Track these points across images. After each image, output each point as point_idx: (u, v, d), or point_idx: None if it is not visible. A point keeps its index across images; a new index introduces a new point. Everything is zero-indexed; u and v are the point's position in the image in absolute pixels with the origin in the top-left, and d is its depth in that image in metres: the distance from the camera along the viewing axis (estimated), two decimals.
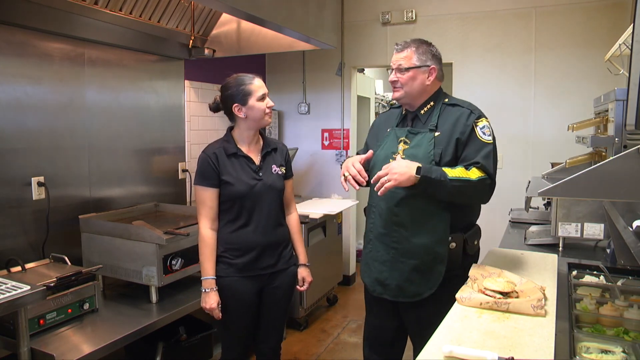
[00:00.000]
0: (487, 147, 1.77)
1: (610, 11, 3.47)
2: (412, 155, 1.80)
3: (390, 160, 1.82)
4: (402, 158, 1.80)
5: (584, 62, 3.57)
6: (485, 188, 1.75)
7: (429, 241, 1.79)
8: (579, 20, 3.57)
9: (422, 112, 1.88)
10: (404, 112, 1.95)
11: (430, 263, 1.80)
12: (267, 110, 1.98)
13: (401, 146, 1.85)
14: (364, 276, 1.99)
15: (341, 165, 1.95)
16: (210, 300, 1.93)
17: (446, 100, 1.89)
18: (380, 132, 2.00)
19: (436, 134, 1.80)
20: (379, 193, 1.70)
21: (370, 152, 1.88)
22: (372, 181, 1.76)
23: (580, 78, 3.59)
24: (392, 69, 1.88)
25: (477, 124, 1.79)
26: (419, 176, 1.66)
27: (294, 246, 2.17)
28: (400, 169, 1.67)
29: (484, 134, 1.78)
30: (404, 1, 4.07)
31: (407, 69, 1.83)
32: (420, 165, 1.68)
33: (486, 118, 1.83)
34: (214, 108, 2.06)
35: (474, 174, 1.72)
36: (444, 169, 1.71)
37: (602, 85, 3.11)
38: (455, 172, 1.70)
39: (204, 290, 1.94)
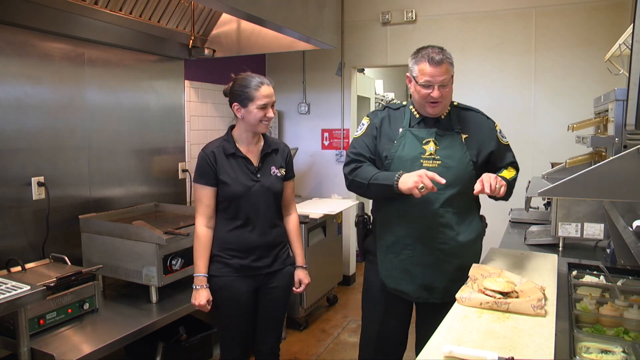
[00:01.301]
0: (509, 147, 2.00)
1: (610, 11, 3.47)
2: (448, 156, 1.84)
3: (421, 160, 1.85)
4: (436, 158, 1.85)
5: (584, 62, 3.57)
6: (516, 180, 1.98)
7: (472, 238, 1.88)
8: (579, 20, 3.57)
9: (442, 116, 1.91)
10: (417, 115, 1.92)
11: (471, 259, 1.86)
12: (265, 120, 1.94)
13: (431, 147, 1.86)
14: (401, 284, 1.90)
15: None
16: (200, 297, 1.95)
17: (455, 103, 1.95)
18: (391, 132, 1.94)
19: (464, 136, 1.88)
20: (486, 191, 1.69)
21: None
22: (476, 190, 1.70)
23: (580, 78, 3.59)
24: (433, 85, 1.79)
25: (496, 129, 1.97)
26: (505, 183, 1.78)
27: (292, 248, 2.16)
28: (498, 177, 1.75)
29: (503, 137, 1.98)
30: (404, 1, 4.07)
31: (447, 85, 1.81)
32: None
33: None
34: (226, 94, 2.04)
35: (511, 172, 1.95)
36: (499, 174, 1.86)
37: (602, 85, 3.11)
38: (507, 174, 1.90)
39: (194, 287, 1.96)
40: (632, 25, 1.16)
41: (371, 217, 2.10)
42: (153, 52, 3.10)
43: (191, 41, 3.25)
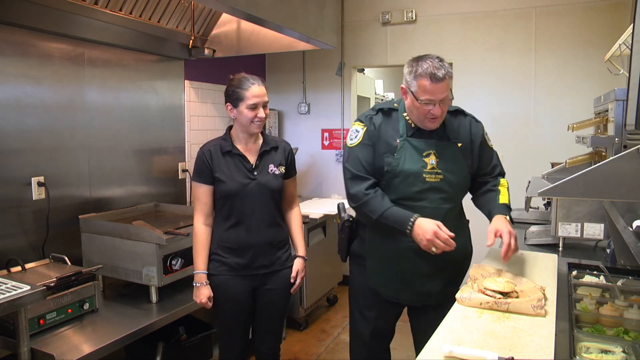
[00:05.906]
0: (495, 152, 1.94)
1: (610, 11, 3.47)
2: (449, 169, 1.80)
3: (424, 174, 1.78)
4: (438, 172, 1.79)
5: (584, 62, 3.57)
6: None
7: (465, 242, 1.91)
8: (579, 20, 3.57)
9: None
10: (413, 125, 1.82)
11: (466, 262, 1.92)
12: (256, 120, 1.94)
13: (432, 159, 1.79)
14: (400, 293, 1.88)
15: (411, 225, 1.74)
16: (200, 295, 1.98)
17: None
18: (389, 142, 1.82)
19: (459, 144, 1.84)
20: (504, 260, 1.74)
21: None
22: (503, 254, 1.72)
23: (580, 78, 3.59)
24: (435, 102, 1.70)
25: (484, 130, 1.92)
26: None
27: (293, 239, 2.16)
28: (511, 228, 1.77)
29: (489, 139, 1.92)
30: (404, 1, 4.07)
31: (447, 99, 1.74)
32: (506, 216, 1.81)
33: None
34: None
35: (504, 185, 1.91)
36: (500, 201, 1.85)
37: (602, 85, 3.11)
38: (505, 197, 1.87)
39: (195, 285, 1.98)
40: (632, 25, 1.16)
41: (354, 221, 2.06)
42: (153, 52, 3.10)
43: (191, 41, 3.25)
